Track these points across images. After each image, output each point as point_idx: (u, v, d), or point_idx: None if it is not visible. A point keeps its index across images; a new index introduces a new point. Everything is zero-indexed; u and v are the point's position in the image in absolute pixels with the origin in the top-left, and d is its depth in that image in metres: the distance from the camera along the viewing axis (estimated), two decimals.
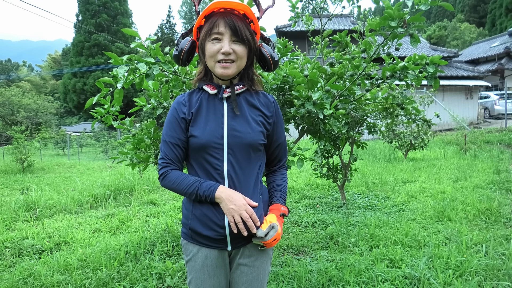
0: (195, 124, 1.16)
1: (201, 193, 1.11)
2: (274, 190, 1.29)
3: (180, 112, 1.18)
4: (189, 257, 1.21)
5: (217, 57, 1.10)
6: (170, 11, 47.88)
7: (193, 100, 1.20)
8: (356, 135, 3.79)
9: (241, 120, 1.16)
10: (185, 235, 1.22)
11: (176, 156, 1.18)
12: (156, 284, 2.53)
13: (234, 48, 1.10)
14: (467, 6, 44.94)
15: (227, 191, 1.10)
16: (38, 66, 64.88)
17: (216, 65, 1.12)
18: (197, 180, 1.13)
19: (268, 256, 1.26)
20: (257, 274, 1.21)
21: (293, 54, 2.39)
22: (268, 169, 1.34)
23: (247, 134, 1.15)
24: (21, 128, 14.34)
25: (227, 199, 1.09)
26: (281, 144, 1.30)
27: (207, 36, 1.11)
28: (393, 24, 1.87)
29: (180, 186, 1.14)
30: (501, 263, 2.57)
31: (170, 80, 2.16)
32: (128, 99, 23.45)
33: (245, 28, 1.11)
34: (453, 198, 4.49)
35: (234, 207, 1.08)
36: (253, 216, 1.10)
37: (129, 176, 6.56)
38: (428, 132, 7.95)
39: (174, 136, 1.17)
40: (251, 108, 1.20)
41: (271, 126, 1.23)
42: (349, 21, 18.93)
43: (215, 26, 1.09)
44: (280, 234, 1.16)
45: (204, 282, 1.19)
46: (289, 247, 3.16)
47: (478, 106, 16.22)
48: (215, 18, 1.10)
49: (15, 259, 3.15)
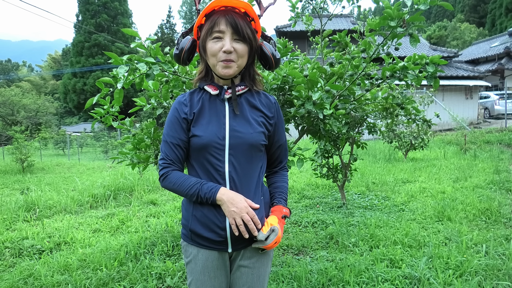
0: (197, 124, 1.15)
1: (202, 195, 1.10)
2: (276, 192, 1.28)
3: (182, 112, 1.17)
4: (189, 258, 1.21)
5: (218, 56, 1.10)
6: (170, 11, 47.88)
7: (194, 100, 1.19)
8: (356, 135, 3.79)
9: (242, 121, 1.16)
10: (185, 236, 1.21)
11: (177, 157, 1.17)
12: (156, 284, 2.53)
13: (235, 47, 1.09)
14: (467, 6, 44.93)
15: (228, 193, 1.09)
16: (38, 66, 64.88)
17: (218, 64, 1.11)
18: (198, 181, 1.12)
19: (269, 257, 1.26)
20: (257, 276, 1.21)
21: (293, 54, 2.39)
22: (269, 170, 1.34)
23: (248, 134, 1.14)
24: (21, 128, 14.34)
25: (228, 202, 1.08)
26: (282, 145, 1.29)
27: (208, 34, 1.10)
28: (393, 24, 1.87)
29: (181, 187, 1.13)
30: (501, 263, 2.57)
31: (170, 80, 2.16)
32: (128, 99, 23.47)
33: (246, 26, 1.10)
34: (453, 198, 4.49)
35: (236, 210, 1.07)
36: (254, 218, 1.09)
37: (129, 176, 6.56)
38: (428, 132, 7.95)
39: (175, 137, 1.16)
40: (252, 109, 1.19)
41: (272, 127, 1.22)
42: (349, 21, 18.93)
43: (216, 25, 1.08)
44: (280, 237, 1.16)
45: (204, 284, 1.19)
46: (289, 247, 3.16)
47: (478, 106, 16.21)
48: (216, 16, 1.09)
49: (15, 259, 3.15)
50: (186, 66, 2.12)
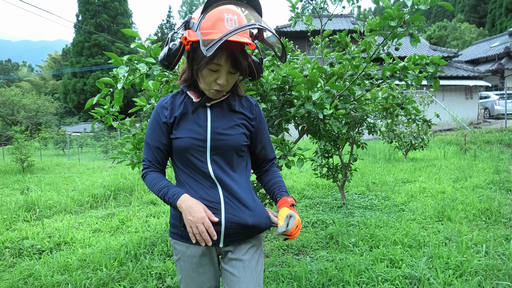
0: (179, 127, 1.18)
1: (167, 199, 1.14)
2: (274, 187, 1.29)
3: (162, 116, 1.19)
4: (178, 256, 1.24)
5: (212, 85, 1.11)
6: (170, 11, 47.93)
7: (176, 103, 1.21)
8: (356, 135, 3.79)
9: (224, 124, 1.18)
10: (174, 234, 1.24)
11: (156, 158, 1.21)
12: (156, 284, 2.53)
13: (229, 79, 1.12)
14: (467, 6, 44.95)
15: (188, 201, 1.11)
16: (38, 66, 64.89)
17: (209, 90, 1.13)
18: (166, 185, 1.16)
19: (259, 249, 1.27)
20: (250, 269, 1.21)
21: (293, 54, 2.39)
22: (259, 171, 1.36)
23: (229, 137, 1.17)
24: (21, 128, 14.36)
25: (186, 210, 1.10)
26: (267, 144, 1.32)
27: (206, 63, 1.07)
28: (393, 24, 1.87)
29: (153, 188, 1.18)
30: (501, 263, 2.57)
31: (170, 80, 2.16)
32: (128, 99, 23.44)
33: (244, 59, 1.11)
34: (453, 198, 4.49)
35: (192, 219, 1.09)
36: (210, 230, 1.10)
37: (129, 176, 6.56)
38: (428, 132, 7.95)
39: (155, 139, 1.20)
40: (233, 112, 1.21)
41: (254, 128, 1.25)
42: (349, 21, 18.93)
43: (216, 58, 1.05)
44: (299, 220, 1.18)
45: (193, 280, 1.22)
46: (289, 247, 3.16)
47: (478, 106, 16.22)
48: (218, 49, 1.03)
49: (15, 259, 3.15)
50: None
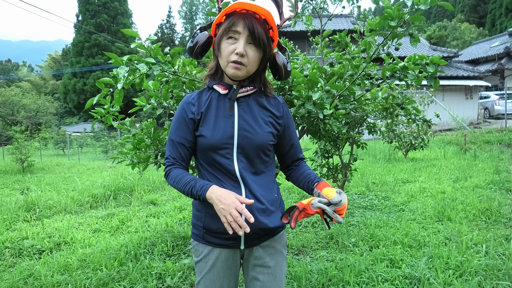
0: (205, 124, 1.15)
1: (194, 192, 1.08)
2: (309, 177, 1.24)
3: (189, 112, 1.17)
4: (199, 258, 1.21)
5: (230, 57, 1.10)
6: (170, 11, 47.95)
7: (202, 99, 1.19)
8: (356, 135, 3.79)
9: (251, 121, 1.16)
10: (196, 236, 1.21)
11: (181, 155, 1.18)
12: (156, 284, 2.53)
13: (248, 51, 1.10)
14: (467, 6, 44.96)
15: (218, 191, 1.05)
16: (38, 66, 64.92)
17: (228, 64, 1.11)
18: (193, 179, 1.11)
19: (283, 255, 1.25)
20: (274, 275, 1.20)
21: (293, 54, 2.39)
22: (289, 169, 1.33)
23: (257, 134, 1.14)
24: (21, 128, 14.36)
25: (217, 199, 1.04)
26: (296, 143, 1.31)
27: (224, 33, 1.11)
28: (393, 24, 1.87)
29: (179, 184, 1.12)
30: (501, 263, 2.57)
31: (170, 80, 2.16)
32: (128, 99, 23.48)
33: (263, 32, 1.10)
34: (453, 198, 4.49)
35: (224, 207, 1.01)
36: (243, 211, 1.01)
37: (129, 176, 6.56)
38: (428, 132, 7.95)
39: (180, 136, 1.17)
40: (261, 109, 1.20)
41: (281, 126, 1.23)
42: (349, 21, 18.93)
43: (233, 25, 1.08)
44: (346, 197, 1.11)
45: (213, 282, 1.19)
46: (289, 247, 3.16)
47: (478, 106, 16.22)
48: (236, 17, 1.09)
49: (15, 259, 3.15)
50: (186, 67, 2.12)
